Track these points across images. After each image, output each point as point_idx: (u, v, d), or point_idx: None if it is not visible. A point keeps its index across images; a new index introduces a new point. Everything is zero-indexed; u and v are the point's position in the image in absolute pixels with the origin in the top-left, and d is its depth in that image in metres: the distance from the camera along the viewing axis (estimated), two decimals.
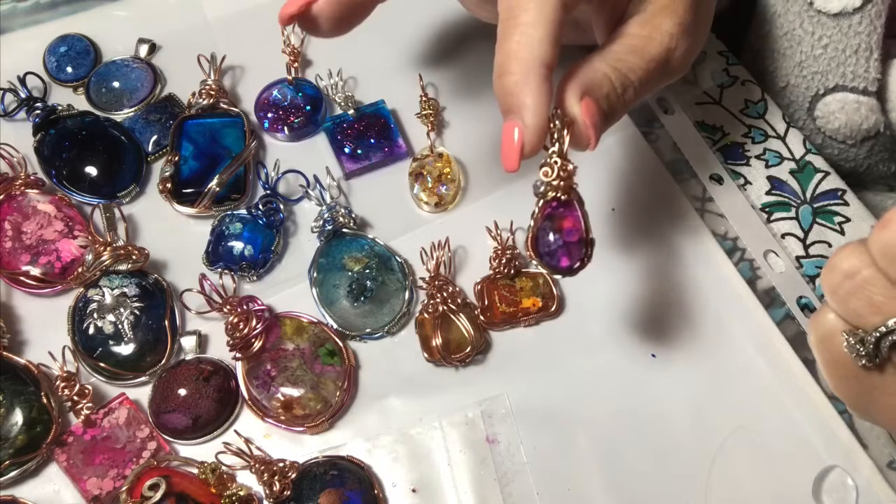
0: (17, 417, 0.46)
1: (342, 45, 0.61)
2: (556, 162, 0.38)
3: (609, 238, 0.54)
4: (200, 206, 0.53)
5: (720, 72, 0.61)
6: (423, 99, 0.57)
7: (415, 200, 0.55)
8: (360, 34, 0.62)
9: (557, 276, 0.50)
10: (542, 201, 0.39)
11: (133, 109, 0.57)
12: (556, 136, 0.38)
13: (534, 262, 0.39)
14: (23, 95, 0.56)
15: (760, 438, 0.48)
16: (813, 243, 0.54)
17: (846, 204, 0.56)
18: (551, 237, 0.38)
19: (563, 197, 0.38)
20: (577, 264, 0.38)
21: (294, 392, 0.48)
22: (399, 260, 0.52)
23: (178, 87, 0.59)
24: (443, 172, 0.55)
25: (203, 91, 0.57)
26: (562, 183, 0.38)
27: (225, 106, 0.57)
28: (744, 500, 0.47)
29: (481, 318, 0.50)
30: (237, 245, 0.52)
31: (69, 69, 0.59)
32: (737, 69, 0.61)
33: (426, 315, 0.50)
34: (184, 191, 0.53)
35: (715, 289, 0.52)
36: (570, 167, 0.38)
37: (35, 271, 0.50)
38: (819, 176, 0.57)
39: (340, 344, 0.49)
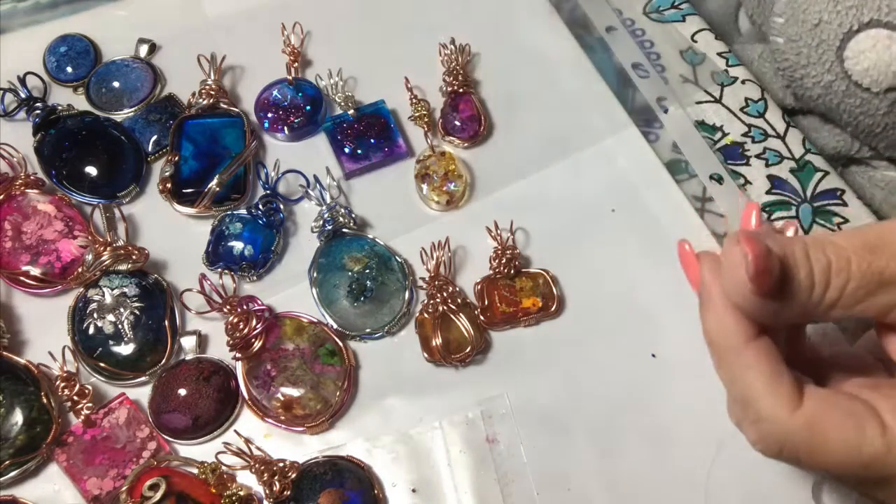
0: (17, 417, 0.46)
1: (342, 45, 0.62)
2: None
3: (609, 238, 0.54)
4: (200, 206, 0.53)
5: (721, 72, 0.61)
6: (414, 101, 0.57)
7: (424, 201, 0.55)
8: (360, 34, 0.62)
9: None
10: None
11: (133, 109, 0.57)
12: None
13: None
14: (23, 95, 0.56)
15: None
16: None
17: (845, 204, 0.56)
18: None
19: None
20: None
21: (294, 392, 0.48)
22: (399, 260, 0.52)
23: (178, 87, 0.59)
24: (448, 169, 0.55)
25: (203, 91, 0.56)
26: None
27: (225, 106, 0.57)
28: (744, 500, 0.47)
29: (481, 318, 0.50)
30: (237, 245, 0.52)
31: (69, 69, 0.59)
32: (737, 70, 0.61)
33: (426, 315, 0.50)
34: (184, 191, 0.53)
35: None
36: None
37: (35, 271, 0.50)
38: (819, 175, 0.57)
39: (340, 344, 0.49)
